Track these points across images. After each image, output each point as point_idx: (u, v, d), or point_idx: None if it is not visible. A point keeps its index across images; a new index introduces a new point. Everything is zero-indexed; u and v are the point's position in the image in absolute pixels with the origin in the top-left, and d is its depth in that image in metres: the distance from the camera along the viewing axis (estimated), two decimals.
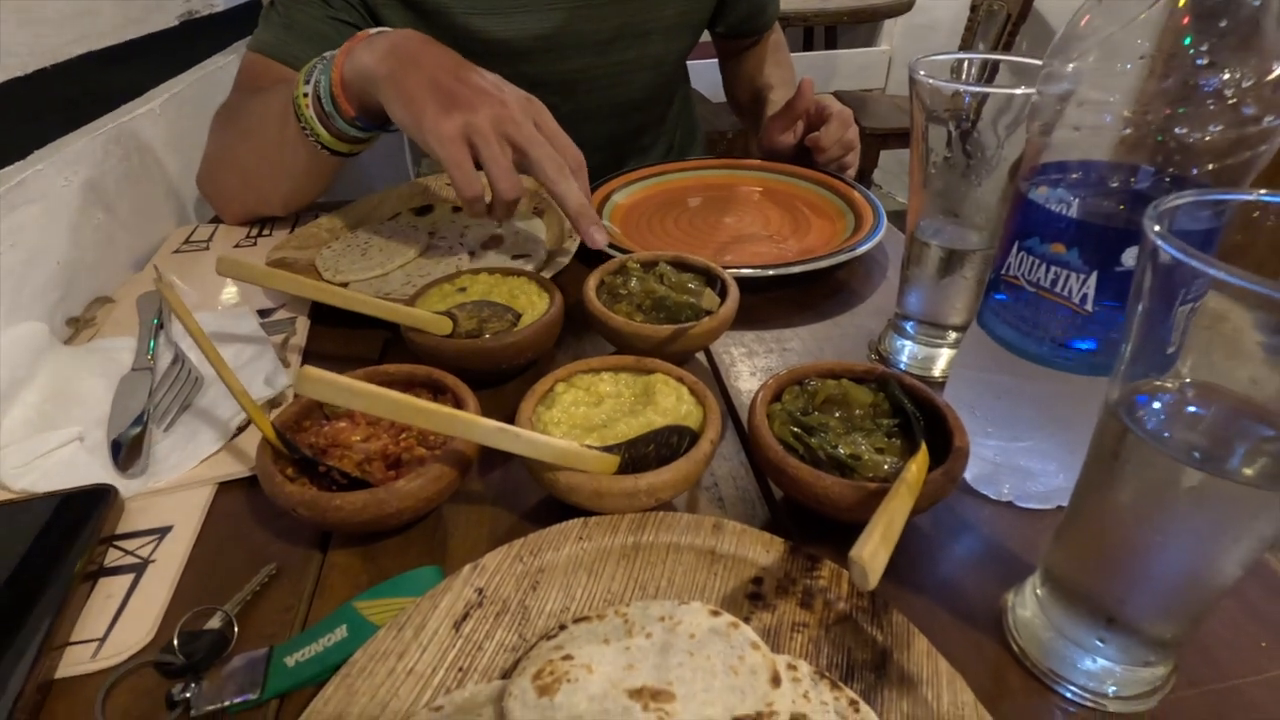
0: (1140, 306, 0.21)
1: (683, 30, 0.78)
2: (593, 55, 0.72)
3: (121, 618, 0.30)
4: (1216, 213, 0.23)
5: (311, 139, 0.54)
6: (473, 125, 0.47)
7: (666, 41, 0.77)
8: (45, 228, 0.49)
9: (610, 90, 0.76)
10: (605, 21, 0.71)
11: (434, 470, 0.31)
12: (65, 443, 0.38)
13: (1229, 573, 0.23)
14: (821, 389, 0.36)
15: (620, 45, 0.73)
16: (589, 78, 0.73)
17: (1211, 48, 0.25)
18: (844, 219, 0.63)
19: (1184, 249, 0.19)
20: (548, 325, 0.43)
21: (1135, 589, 0.24)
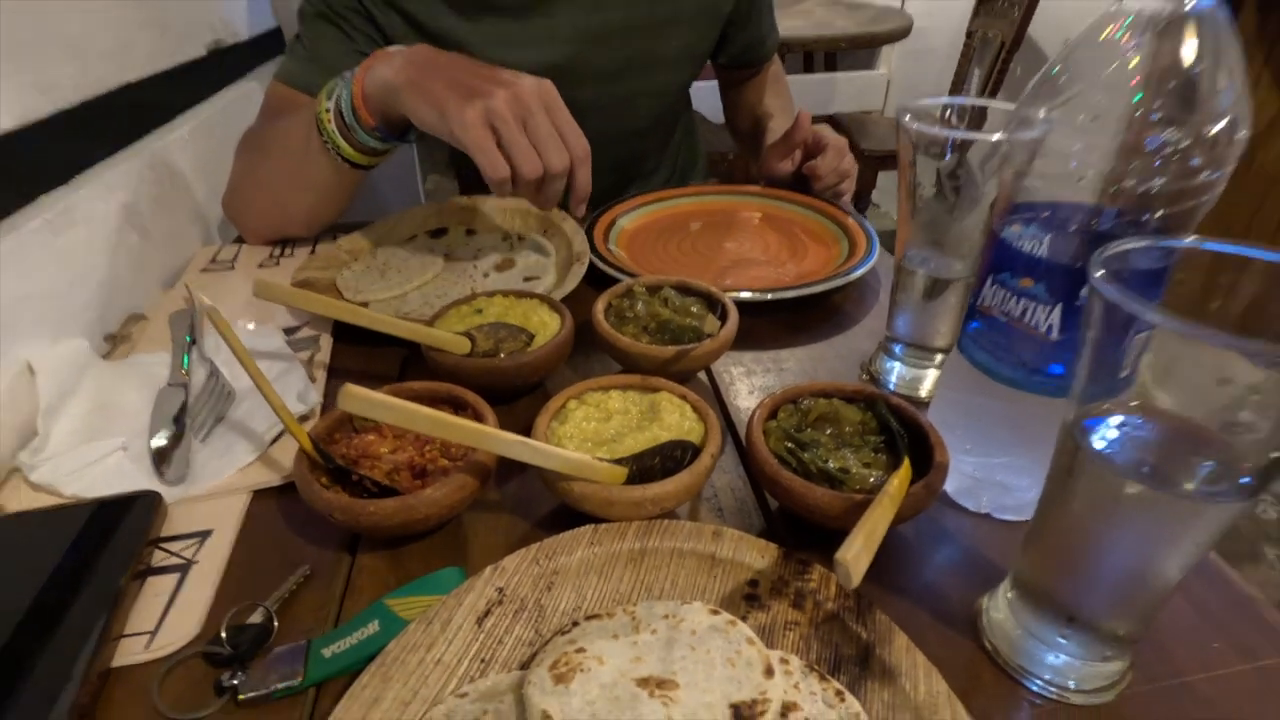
0: (1090, 338, 0.24)
1: (686, 62, 0.82)
2: (602, 85, 0.76)
3: (170, 613, 0.33)
4: (1165, 253, 0.27)
5: (333, 152, 0.58)
6: (492, 110, 0.50)
7: (671, 72, 0.81)
8: (87, 250, 0.52)
9: (618, 118, 0.80)
10: (613, 54, 0.74)
11: (457, 479, 0.34)
12: (110, 452, 0.41)
13: (1171, 575, 0.25)
14: (814, 407, 0.39)
15: (628, 76, 0.77)
16: (598, 106, 0.77)
17: (1159, 107, 0.28)
18: (839, 244, 0.66)
19: (1118, 292, 0.22)
20: (559, 346, 0.46)
21: (1091, 590, 0.27)
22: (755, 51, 0.87)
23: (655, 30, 0.75)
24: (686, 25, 0.77)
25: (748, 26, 0.84)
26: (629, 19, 0.73)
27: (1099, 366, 0.25)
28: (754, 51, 0.87)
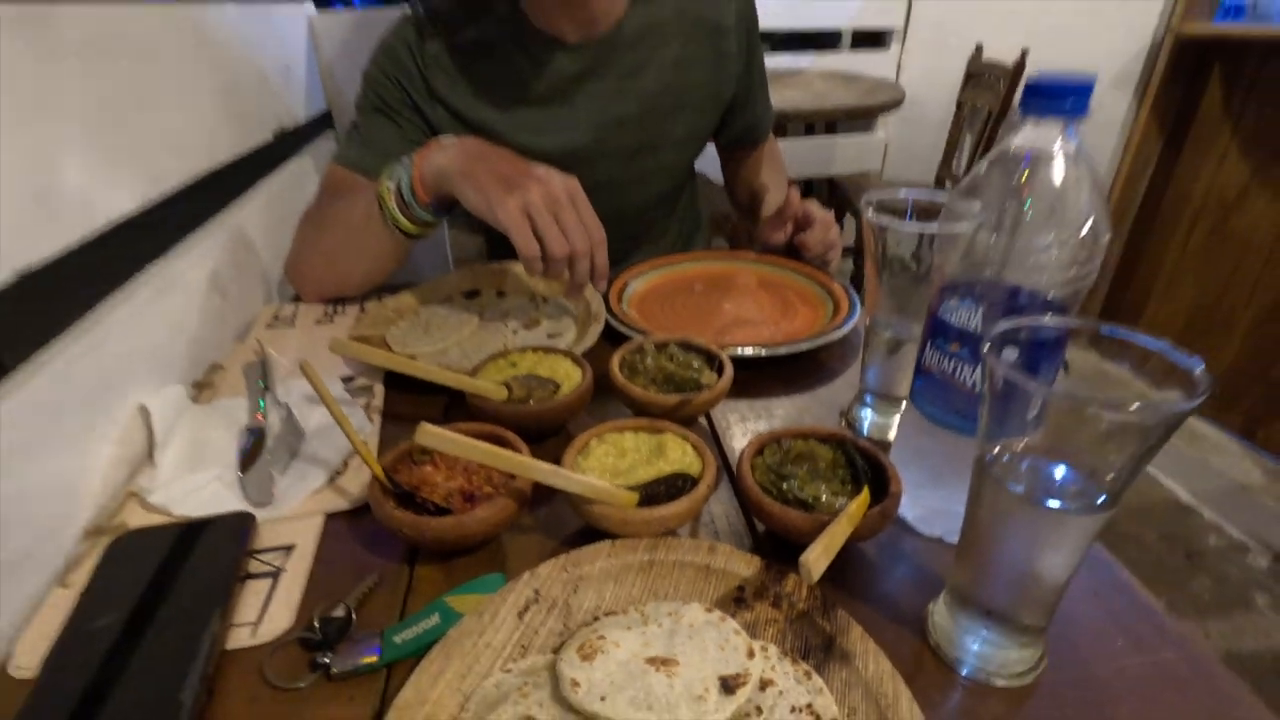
0: (987, 393, 0.33)
1: (691, 143, 0.93)
2: (616, 164, 0.86)
3: (268, 608, 0.41)
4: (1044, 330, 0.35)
5: (391, 225, 0.67)
6: (529, 201, 0.60)
7: (677, 152, 0.91)
8: (183, 311, 0.62)
9: (630, 192, 0.90)
10: (626, 138, 0.85)
11: (500, 503, 0.42)
12: (209, 481, 0.50)
13: (1058, 573, 0.33)
14: (793, 447, 0.47)
15: (640, 156, 0.88)
16: (613, 182, 0.87)
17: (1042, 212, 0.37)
18: (825, 306, 0.75)
19: (1001, 364, 0.30)
20: (581, 394, 0.54)
21: (1000, 589, 0.34)
22: (752, 133, 0.98)
23: (664, 117, 0.86)
24: (691, 112, 0.89)
25: (745, 112, 0.95)
26: (641, 108, 0.84)
27: (995, 414, 0.33)
28: (751, 133, 0.98)
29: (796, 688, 0.34)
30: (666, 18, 0.83)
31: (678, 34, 0.84)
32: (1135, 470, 0.30)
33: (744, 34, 0.89)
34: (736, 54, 0.89)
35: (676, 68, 0.85)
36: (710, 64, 0.87)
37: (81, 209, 0.51)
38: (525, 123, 0.82)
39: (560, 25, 0.79)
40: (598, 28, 0.80)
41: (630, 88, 0.83)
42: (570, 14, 0.78)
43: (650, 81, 0.84)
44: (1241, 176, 1.63)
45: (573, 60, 0.81)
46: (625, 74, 0.83)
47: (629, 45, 0.82)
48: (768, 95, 0.98)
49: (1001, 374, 0.30)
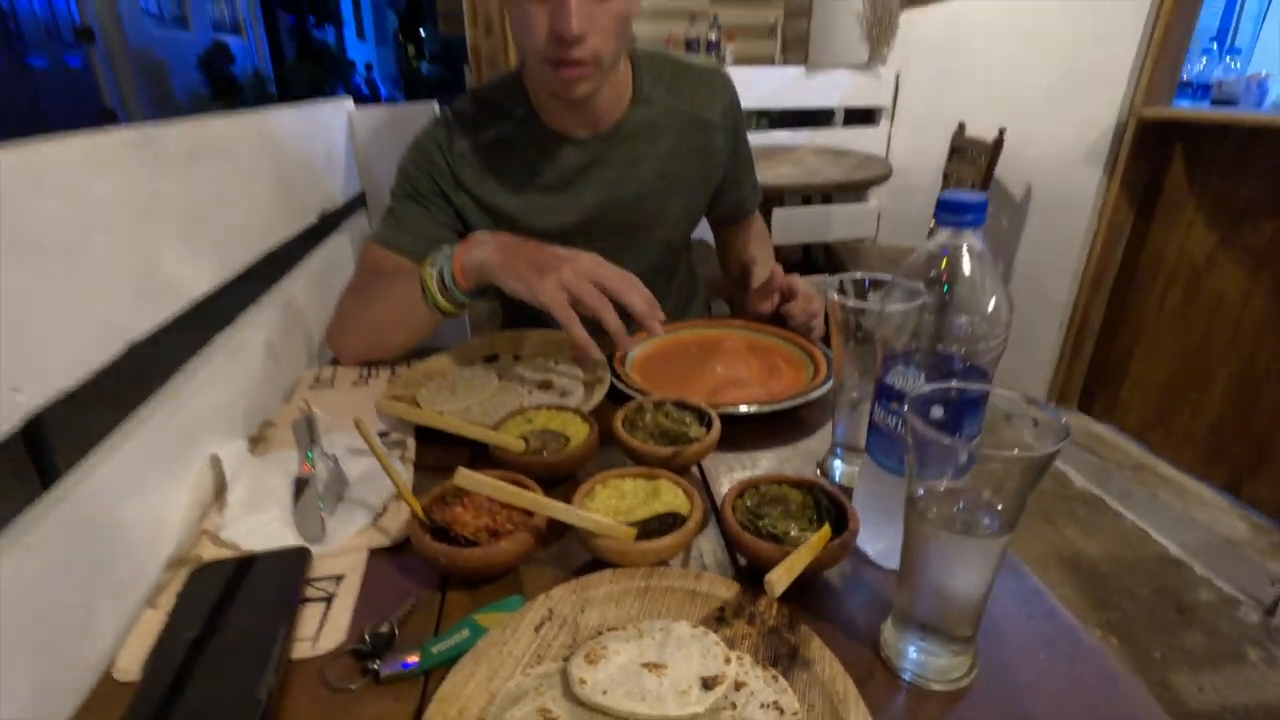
0: (911, 443, 0.41)
1: (685, 219, 1.04)
2: (617, 239, 0.97)
3: (324, 626, 0.48)
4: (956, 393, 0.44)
5: (431, 305, 0.78)
6: (565, 280, 0.70)
7: (672, 229, 1.02)
8: (245, 374, 0.71)
9: (630, 264, 1.00)
10: (626, 217, 0.96)
11: (520, 537, 0.50)
12: (269, 521, 0.58)
13: (975, 589, 0.41)
14: (769, 491, 0.55)
15: (639, 232, 0.98)
16: (616, 253, 0.98)
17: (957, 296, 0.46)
18: (806, 369, 0.84)
19: (914, 422, 0.39)
20: (588, 447, 0.63)
21: (929, 605, 0.42)
22: (739, 211, 1.10)
23: (660, 199, 0.98)
24: (684, 194, 1.00)
25: (732, 193, 1.07)
26: (639, 192, 0.96)
27: (919, 460, 0.41)
28: (738, 211, 1.10)
29: (765, 689, 0.42)
30: (661, 116, 0.95)
31: (671, 129, 0.96)
32: (1022, 501, 0.38)
33: (730, 128, 1.01)
34: (723, 145, 1.00)
35: (670, 158, 0.97)
36: (700, 154, 0.99)
37: (173, 290, 0.61)
38: (537, 207, 0.93)
39: (569, 125, 0.92)
40: (601, 126, 0.92)
41: (630, 175, 0.95)
42: (578, 116, 0.91)
43: (647, 170, 0.96)
44: (1208, 244, 1.74)
45: (579, 153, 0.93)
46: (625, 164, 0.94)
47: (628, 140, 0.94)
48: (754, 178, 1.10)
49: (918, 428, 0.38)
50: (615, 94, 0.91)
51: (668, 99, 0.95)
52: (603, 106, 0.90)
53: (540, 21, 0.74)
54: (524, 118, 0.92)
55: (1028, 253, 2.24)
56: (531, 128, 0.92)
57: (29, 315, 0.44)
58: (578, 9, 0.72)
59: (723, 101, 0.99)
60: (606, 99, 0.90)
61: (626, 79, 0.93)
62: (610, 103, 0.91)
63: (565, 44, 0.74)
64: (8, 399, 0.42)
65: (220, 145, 0.73)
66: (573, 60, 0.76)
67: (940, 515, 0.41)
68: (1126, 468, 1.90)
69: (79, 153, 0.50)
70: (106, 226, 0.53)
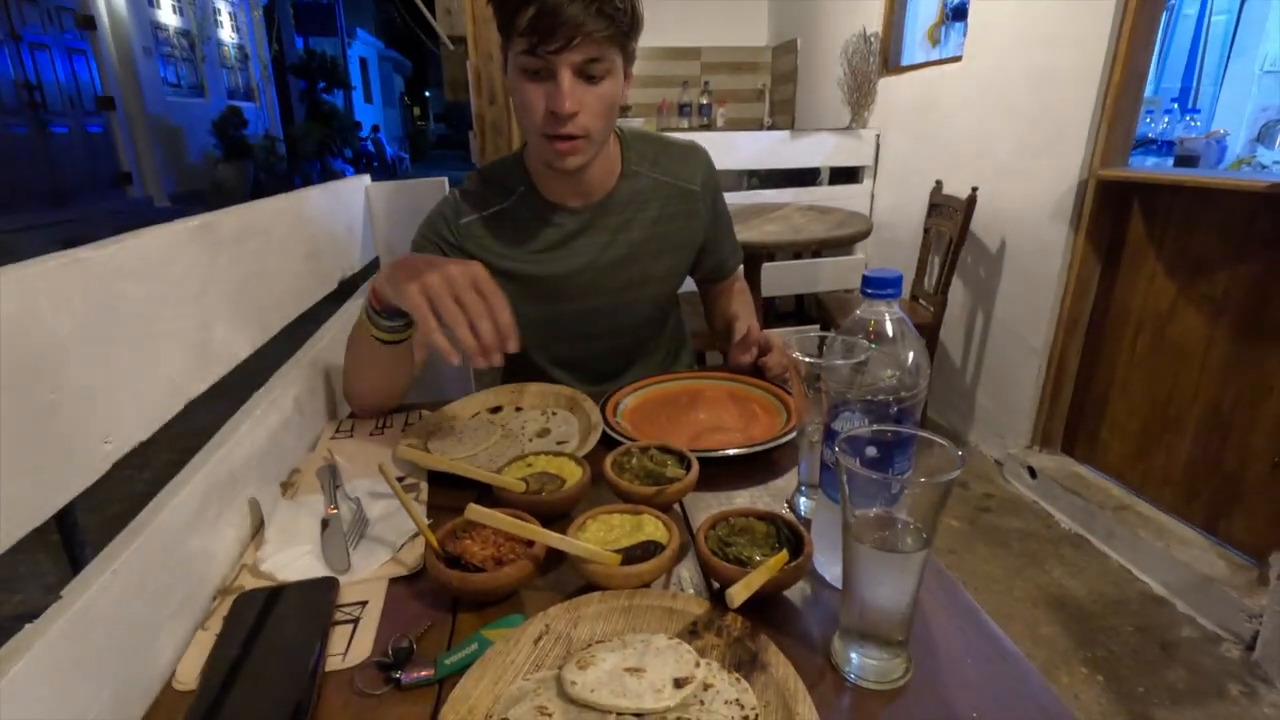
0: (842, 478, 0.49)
1: (670, 279, 1.14)
2: (610, 295, 1.08)
3: (352, 643, 0.56)
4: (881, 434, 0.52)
5: (371, 335, 0.84)
6: (427, 284, 0.70)
7: (659, 286, 1.13)
8: (280, 426, 0.80)
9: (623, 316, 1.11)
10: (617, 275, 1.07)
11: (522, 564, 0.59)
12: (301, 555, 0.66)
13: (902, 598, 0.49)
14: (737, 523, 0.63)
15: (629, 288, 1.09)
16: (609, 309, 1.09)
17: (882, 353, 0.56)
18: (781, 415, 0.93)
19: (841, 459, 0.47)
20: (582, 487, 0.71)
21: (864, 614, 0.50)
22: (719, 271, 1.21)
23: (647, 259, 1.08)
24: (669, 255, 1.11)
25: (713, 253, 1.18)
26: (628, 253, 1.07)
27: (851, 490, 0.49)
28: (718, 271, 1.21)
29: (729, 688, 0.49)
30: (647, 187, 1.07)
31: (656, 198, 1.08)
32: (936, 522, 0.47)
33: (709, 196, 1.13)
34: (704, 211, 1.12)
35: (656, 223, 1.08)
36: (683, 218, 1.10)
37: (223, 354, 0.70)
38: (532, 261, 1.04)
39: (565, 197, 1.03)
40: (593, 197, 1.04)
41: (620, 239, 1.06)
42: (573, 189, 1.03)
43: (635, 233, 1.07)
44: (1169, 293, 1.85)
45: (574, 220, 1.04)
46: (615, 229, 1.06)
47: (618, 208, 1.06)
48: (734, 241, 1.22)
49: (844, 464, 0.47)
50: (606, 168, 1.03)
51: (652, 172, 1.08)
52: (595, 179, 1.02)
53: (539, 101, 0.85)
54: (524, 192, 1.04)
55: (1005, 302, 2.36)
56: (531, 200, 1.03)
57: (117, 379, 0.54)
58: (570, 91, 0.83)
59: (702, 173, 1.12)
60: (598, 173, 1.02)
61: (616, 155, 1.05)
62: (601, 176, 1.03)
63: (559, 120, 0.85)
64: (100, 449, 0.51)
65: (262, 225, 0.84)
66: (566, 135, 0.87)
67: (869, 537, 0.49)
68: (1109, 508, 1.96)
69: (159, 241, 0.60)
70: (174, 302, 0.63)
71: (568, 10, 0.78)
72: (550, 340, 1.12)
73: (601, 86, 0.87)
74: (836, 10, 3.40)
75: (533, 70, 0.84)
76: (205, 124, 9.85)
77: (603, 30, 0.81)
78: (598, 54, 0.83)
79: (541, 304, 1.06)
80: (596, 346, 1.14)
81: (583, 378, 1.15)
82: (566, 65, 0.82)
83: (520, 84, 0.86)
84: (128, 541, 0.51)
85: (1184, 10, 3.40)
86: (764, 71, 4.39)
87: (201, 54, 10.41)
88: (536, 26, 0.79)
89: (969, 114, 2.46)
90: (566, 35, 0.79)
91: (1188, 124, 2.99)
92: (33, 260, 0.48)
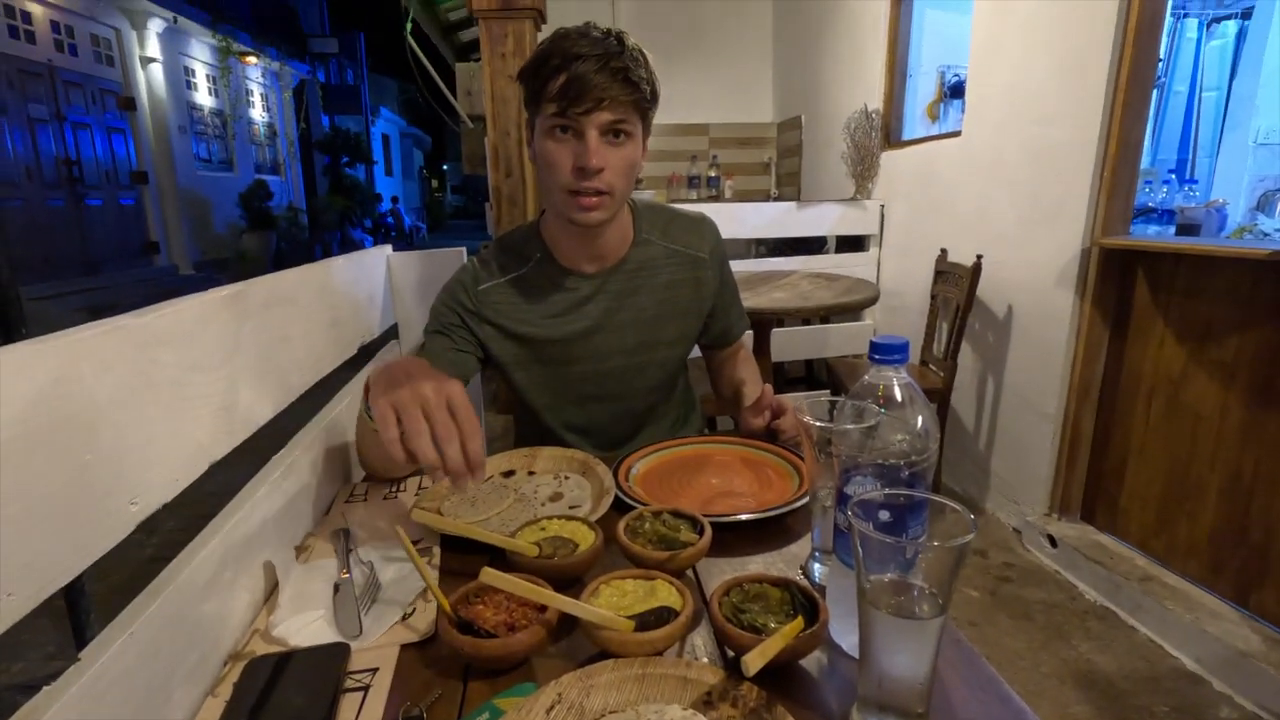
0: (856, 542, 0.50)
1: (680, 343, 1.17)
2: (622, 358, 1.10)
3: (362, 712, 0.55)
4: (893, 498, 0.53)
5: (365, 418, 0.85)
6: (398, 400, 0.68)
7: (669, 349, 1.15)
8: (296, 491, 0.81)
9: (634, 381, 1.13)
10: (628, 338, 1.10)
11: (534, 630, 0.58)
12: (314, 620, 0.66)
13: (921, 668, 0.48)
14: (751, 589, 0.62)
15: (640, 351, 1.12)
16: (619, 372, 1.11)
17: (892, 418, 0.56)
18: (793, 480, 0.93)
19: (855, 524, 0.48)
20: (594, 552, 0.71)
21: (883, 684, 0.49)
22: (725, 337, 1.24)
23: (658, 323, 1.12)
24: (678, 320, 1.14)
25: (720, 320, 1.21)
26: (639, 317, 1.10)
27: (865, 555, 0.50)
28: (724, 337, 1.24)
29: None
30: (658, 254, 1.12)
31: (666, 265, 1.13)
32: (952, 587, 0.47)
33: (717, 265, 1.18)
34: (711, 278, 1.17)
35: (666, 288, 1.13)
36: (691, 285, 1.15)
37: (246, 418, 0.72)
38: (551, 323, 1.08)
39: (579, 262, 1.08)
40: (607, 262, 1.09)
41: (631, 303, 1.10)
42: (588, 254, 1.07)
43: (645, 298, 1.11)
44: (1180, 359, 1.85)
45: (588, 284, 1.08)
46: (627, 294, 1.10)
47: (630, 274, 1.10)
48: (740, 307, 1.25)
49: (857, 528, 0.48)
50: (620, 235, 1.09)
51: (663, 240, 1.13)
52: (609, 245, 1.07)
53: (566, 159, 0.93)
54: (541, 258, 1.09)
55: (1015, 367, 2.36)
56: (547, 266, 1.08)
57: (147, 441, 0.56)
58: (596, 148, 0.91)
59: (710, 242, 1.17)
60: (612, 239, 1.07)
61: (629, 224, 1.10)
62: (615, 243, 1.08)
63: (585, 175, 0.92)
64: (127, 510, 0.52)
65: (289, 293, 0.87)
66: (590, 190, 0.93)
67: (885, 602, 0.49)
68: (1134, 579, 1.90)
69: (193, 310, 0.63)
70: (205, 367, 0.65)
71: (596, 78, 0.87)
72: (563, 403, 1.14)
73: (624, 148, 0.94)
74: (838, 88, 3.56)
75: (561, 130, 0.92)
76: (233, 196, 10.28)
77: (627, 96, 0.90)
78: (622, 116, 0.91)
79: (555, 366, 1.09)
80: (608, 410, 1.16)
81: (595, 443, 1.16)
82: (594, 125, 0.90)
83: (548, 146, 0.93)
84: (145, 604, 0.51)
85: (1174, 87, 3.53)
86: (770, 146, 4.56)
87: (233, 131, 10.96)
88: (567, 92, 0.88)
89: (970, 186, 2.53)
90: (595, 98, 0.88)
91: (1186, 194, 3.06)
92: (79, 327, 0.51)
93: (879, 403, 0.57)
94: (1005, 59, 2.31)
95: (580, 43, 0.88)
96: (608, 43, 0.90)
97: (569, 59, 0.88)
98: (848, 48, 3.49)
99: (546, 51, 0.91)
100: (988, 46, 2.40)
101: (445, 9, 4.70)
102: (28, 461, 0.44)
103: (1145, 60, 1.87)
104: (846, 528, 0.58)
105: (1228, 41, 3.42)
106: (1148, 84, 1.89)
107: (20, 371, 0.44)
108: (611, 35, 0.91)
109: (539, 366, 1.10)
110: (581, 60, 0.87)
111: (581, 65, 0.87)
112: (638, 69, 0.91)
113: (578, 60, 0.87)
